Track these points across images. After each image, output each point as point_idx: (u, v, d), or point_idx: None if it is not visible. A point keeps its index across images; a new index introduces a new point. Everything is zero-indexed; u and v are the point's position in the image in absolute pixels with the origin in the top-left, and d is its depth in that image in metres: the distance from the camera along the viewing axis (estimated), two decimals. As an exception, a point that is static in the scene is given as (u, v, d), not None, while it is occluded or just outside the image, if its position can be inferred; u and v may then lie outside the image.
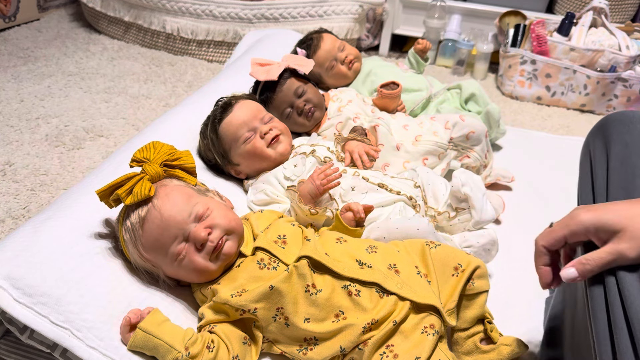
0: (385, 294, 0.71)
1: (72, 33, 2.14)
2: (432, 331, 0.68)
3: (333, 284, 0.71)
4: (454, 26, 1.97)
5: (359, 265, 0.73)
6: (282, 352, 0.71)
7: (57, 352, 0.64)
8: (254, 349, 0.70)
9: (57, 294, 0.63)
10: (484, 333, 0.74)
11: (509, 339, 0.73)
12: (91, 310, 0.65)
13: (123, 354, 0.64)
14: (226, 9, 1.89)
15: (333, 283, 0.71)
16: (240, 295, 0.69)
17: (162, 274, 0.73)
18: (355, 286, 0.70)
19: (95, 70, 1.81)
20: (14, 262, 0.64)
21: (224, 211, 0.74)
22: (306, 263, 0.70)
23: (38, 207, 1.13)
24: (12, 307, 0.62)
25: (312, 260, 0.71)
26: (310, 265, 0.71)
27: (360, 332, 0.68)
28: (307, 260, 0.71)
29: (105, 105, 1.58)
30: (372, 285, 0.71)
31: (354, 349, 0.69)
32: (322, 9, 1.89)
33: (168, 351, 0.63)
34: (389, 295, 0.70)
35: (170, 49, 2.00)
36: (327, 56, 1.36)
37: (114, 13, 2.05)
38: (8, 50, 1.91)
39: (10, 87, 1.64)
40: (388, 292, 0.71)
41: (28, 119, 1.47)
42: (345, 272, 0.71)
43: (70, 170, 1.26)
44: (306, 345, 0.70)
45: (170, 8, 1.93)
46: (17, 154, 1.31)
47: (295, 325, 0.69)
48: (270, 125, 1.02)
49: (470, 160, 1.15)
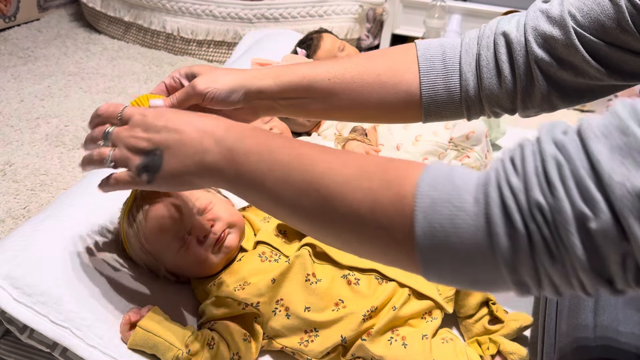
0: (385, 280, 0.73)
1: (72, 33, 2.14)
2: (431, 318, 0.72)
3: (333, 274, 0.72)
4: (454, 26, 1.96)
5: None
6: (283, 347, 0.72)
7: (57, 352, 0.64)
8: (255, 345, 0.70)
9: (57, 293, 0.63)
10: (490, 315, 0.76)
11: (515, 315, 0.75)
12: (91, 309, 0.65)
13: (123, 353, 0.64)
14: (226, 9, 1.89)
15: (333, 273, 0.72)
16: (243, 288, 0.70)
17: (162, 268, 0.73)
18: (354, 274, 0.72)
19: (95, 70, 1.81)
20: (14, 261, 0.64)
21: (226, 205, 0.75)
22: (307, 252, 0.72)
23: (38, 207, 1.13)
24: (12, 307, 0.62)
25: (314, 249, 0.73)
26: (311, 254, 0.73)
27: (361, 320, 0.69)
28: (309, 249, 0.72)
29: (105, 105, 1.58)
30: (371, 272, 0.73)
31: (357, 344, 0.69)
32: (322, 9, 1.89)
33: (168, 349, 0.63)
34: (389, 281, 0.72)
35: (171, 49, 2.00)
36: (327, 56, 1.35)
37: (114, 13, 2.05)
38: (8, 50, 1.91)
39: (10, 87, 1.64)
40: (387, 278, 0.73)
41: (28, 119, 1.46)
42: (344, 260, 0.73)
43: (70, 170, 1.26)
44: (307, 337, 0.71)
45: (170, 8, 1.93)
46: (17, 154, 1.31)
47: (295, 315, 0.70)
48: (271, 125, 1.02)
49: (470, 160, 1.15)
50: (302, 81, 0.63)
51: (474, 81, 0.62)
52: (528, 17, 0.60)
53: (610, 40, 0.54)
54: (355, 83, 0.64)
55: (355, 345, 0.69)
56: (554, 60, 0.58)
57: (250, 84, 0.63)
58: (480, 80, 0.62)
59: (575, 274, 0.35)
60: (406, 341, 0.69)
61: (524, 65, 0.59)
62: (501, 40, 0.61)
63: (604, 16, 0.54)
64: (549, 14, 0.57)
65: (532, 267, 0.36)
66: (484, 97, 0.62)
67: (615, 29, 0.53)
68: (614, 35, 0.54)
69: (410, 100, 0.64)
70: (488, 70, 0.61)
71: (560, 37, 0.56)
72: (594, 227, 0.33)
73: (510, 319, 0.74)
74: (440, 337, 0.72)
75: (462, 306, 0.76)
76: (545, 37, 0.57)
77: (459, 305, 0.76)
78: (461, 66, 0.63)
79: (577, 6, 0.56)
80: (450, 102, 0.63)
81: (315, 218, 0.45)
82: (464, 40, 0.64)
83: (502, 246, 0.36)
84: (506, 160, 0.38)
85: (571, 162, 0.35)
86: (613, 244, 0.33)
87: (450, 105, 0.64)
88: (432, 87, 0.63)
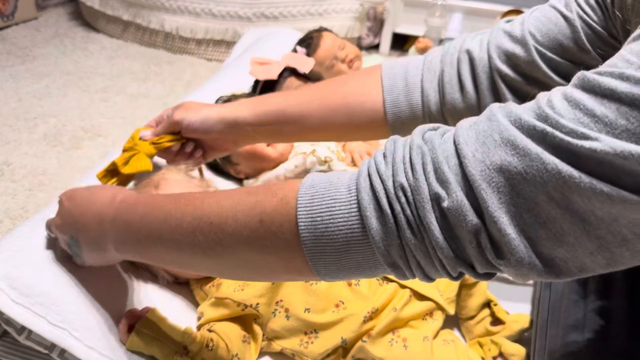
0: (386, 281, 0.72)
1: (70, 32, 2.13)
2: (432, 319, 0.72)
3: None
4: (455, 25, 1.96)
5: None
6: (283, 349, 0.71)
7: (55, 353, 0.63)
8: (254, 347, 0.70)
9: (55, 294, 0.63)
10: (492, 316, 0.75)
11: (517, 316, 0.75)
12: (89, 310, 0.64)
13: (121, 354, 0.64)
14: (225, 8, 1.88)
15: None
16: (243, 289, 0.69)
17: (161, 268, 0.72)
18: None
19: (93, 70, 1.80)
20: (11, 262, 0.64)
21: None
22: None
23: (36, 207, 1.12)
24: (10, 308, 0.61)
25: None
26: None
27: (361, 321, 0.68)
28: None
29: (103, 105, 1.58)
30: None
31: (358, 345, 0.69)
32: (322, 8, 1.88)
33: (167, 350, 0.63)
34: (389, 282, 0.72)
35: (169, 47, 2.00)
36: (328, 55, 1.35)
37: (113, 12, 2.04)
38: (6, 49, 1.90)
39: (8, 87, 1.63)
40: (388, 279, 0.73)
41: (26, 119, 1.46)
42: None
43: (68, 170, 1.26)
44: (307, 339, 0.70)
45: (169, 7, 1.92)
46: (15, 153, 1.30)
47: (295, 316, 0.69)
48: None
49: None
50: (274, 108, 0.71)
51: (435, 97, 0.66)
52: (491, 36, 0.63)
53: (570, 58, 0.57)
54: (323, 105, 0.70)
55: (356, 347, 0.69)
56: (518, 75, 0.60)
57: (225, 113, 0.72)
58: (443, 96, 0.65)
59: (435, 255, 0.39)
60: (407, 343, 0.69)
61: (488, 80, 0.62)
62: (464, 57, 0.64)
63: (561, 36, 0.57)
64: (511, 34, 0.60)
65: (401, 248, 0.40)
66: (447, 112, 0.65)
67: (572, 48, 0.56)
68: (572, 53, 0.56)
69: (376, 118, 0.68)
70: (450, 86, 0.64)
71: (522, 54, 0.59)
72: (446, 205, 0.37)
73: (512, 320, 0.74)
74: (441, 338, 0.72)
75: (463, 307, 0.76)
76: (507, 55, 0.60)
77: (460, 307, 0.76)
78: (423, 83, 0.66)
79: (536, 26, 0.59)
80: (413, 118, 0.67)
81: (213, 250, 0.47)
82: (426, 58, 0.68)
83: (372, 228, 0.40)
84: (378, 154, 0.43)
85: (433, 152, 0.39)
86: (465, 222, 0.36)
87: (414, 121, 0.67)
88: (395, 103, 0.67)
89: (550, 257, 0.36)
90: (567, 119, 0.34)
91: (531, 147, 0.34)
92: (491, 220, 0.36)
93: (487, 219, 0.36)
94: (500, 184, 0.35)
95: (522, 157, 0.35)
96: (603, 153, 0.32)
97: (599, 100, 0.33)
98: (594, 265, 0.36)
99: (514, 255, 0.36)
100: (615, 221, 0.33)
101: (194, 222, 0.47)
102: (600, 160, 0.32)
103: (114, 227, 0.54)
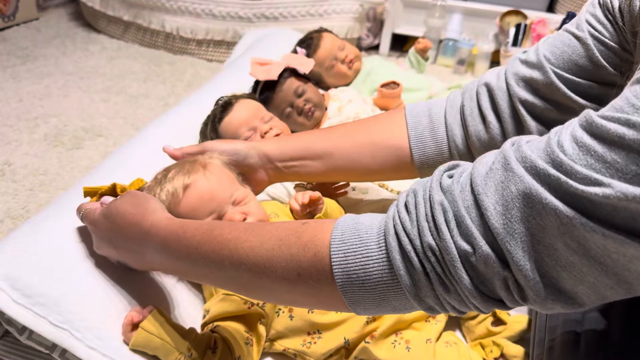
0: None
1: (71, 32, 2.13)
2: (435, 320, 0.72)
3: None
4: (455, 25, 1.96)
5: None
6: (285, 349, 0.71)
7: (56, 353, 0.63)
8: (256, 348, 0.70)
9: (56, 294, 0.63)
10: (493, 316, 0.75)
11: (518, 317, 0.75)
12: (90, 310, 0.64)
13: (123, 354, 0.64)
14: (225, 8, 1.88)
15: None
16: None
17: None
18: None
19: (94, 70, 1.81)
20: (13, 262, 0.64)
21: (259, 205, 0.77)
22: None
23: (37, 207, 1.12)
24: (11, 308, 0.61)
25: None
26: None
27: (364, 322, 0.69)
28: None
29: (104, 105, 1.58)
30: None
31: (361, 346, 0.69)
32: (322, 8, 1.88)
33: (170, 351, 0.63)
34: None
35: (170, 48, 2.00)
36: (327, 55, 1.35)
37: (113, 12, 2.04)
38: (7, 50, 1.90)
39: (9, 87, 1.63)
40: None
41: (27, 119, 1.46)
42: None
43: (69, 170, 1.26)
44: (310, 339, 0.70)
45: (170, 7, 1.92)
46: (15, 153, 1.30)
47: (299, 317, 0.69)
48: (271, 124, 1.02)
49: (471, 160, 1.14)
50: (300, 144, 0.75)
51: (459, 131, 0.67)
52: (508, 66, 0.64)
53: (588, 77, 0.58)
54: (348, 142, 0.72)
55: (359, 348, 0.69)
56: (538, 99, 0.61)
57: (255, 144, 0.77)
58: (466, 129, 0.66)
59: (468, 300, 0.42)
60: (410, 345, 0.68)
61: (509, 108, 0.63)
62: (483, 90, 0.65)
63: (575, 56, 0.58)
64: (527, 60, 0.62)
65: (435, 297, 0.43)
66: (472, 144, 0.66)
67: (588, 66, 0.57)
68: (590, 71, 0.57)
69: (402, 155, 0.70)
70: (472, 118, 0.66)
71: (540, 78, 0.60)
72: (475, 260, 0.40)
73: (513, 321, 0.74)
74: (444, 340, 0.72)
75: None
76: (525, 80, 0.61)
77: (462, 307, 0.76)
78: (446, 118, 0.68)
79: (551, 50, 0.60)
80: (439, 153, 0.69)
81: (253, 290, 0.53)
82: (449, 96, 0.69)
83: (406, 284, 0.43)
84: (401, 208, 0.45)
85: (454, 204, 0.41)
86: (493, 270, 0.39)
87: (440, 156, 0.69)
88: (420, 139, 0.69)
89: (573, 292, 0.38)
90: (580, 165, 0.35)
91: (548, 199, 0.36)
92: (517, 269, 0.38)
93: (514, 268, 0.38)
94: (522, 234, 0.38)
95: (539, 210, 0.37)
96: (616, 199, 0.33)
97: (607, 147, 0.34)
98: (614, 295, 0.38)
99: (539, 295, 0.39)
100: (630, 262, 0.35)
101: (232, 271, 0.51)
102: (614, 205, 0.33)
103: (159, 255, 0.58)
